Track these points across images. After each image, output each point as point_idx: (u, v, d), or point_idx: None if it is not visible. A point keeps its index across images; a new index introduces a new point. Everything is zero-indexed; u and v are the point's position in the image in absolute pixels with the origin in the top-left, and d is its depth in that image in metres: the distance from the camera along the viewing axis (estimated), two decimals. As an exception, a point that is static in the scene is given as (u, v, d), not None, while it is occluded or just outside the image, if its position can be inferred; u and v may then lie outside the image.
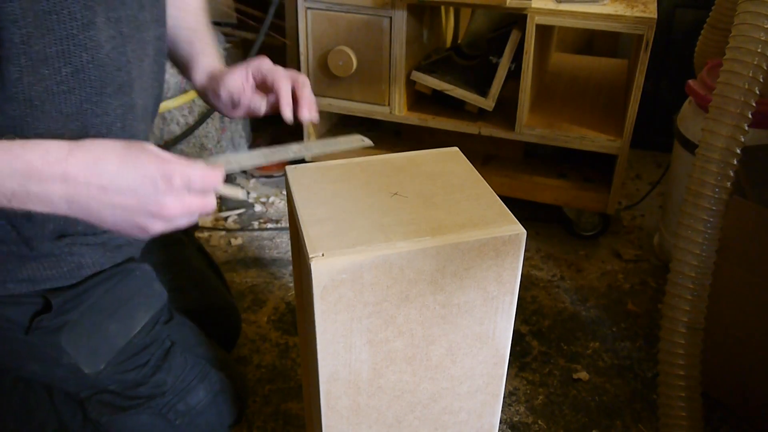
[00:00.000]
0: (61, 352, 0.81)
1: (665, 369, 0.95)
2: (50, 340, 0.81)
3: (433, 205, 0.64)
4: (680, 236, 0.91)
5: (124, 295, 0.86)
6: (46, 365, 0.85)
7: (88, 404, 0.89)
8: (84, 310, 0.82)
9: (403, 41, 1.42)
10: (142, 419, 0.89)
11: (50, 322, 0.81)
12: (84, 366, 0.83)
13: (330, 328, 0.59)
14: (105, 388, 0.88)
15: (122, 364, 0.87)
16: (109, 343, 0.84)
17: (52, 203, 0.58)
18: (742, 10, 0.84)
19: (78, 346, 0.82)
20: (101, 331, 0.84)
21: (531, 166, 1.57)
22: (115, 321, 0.85)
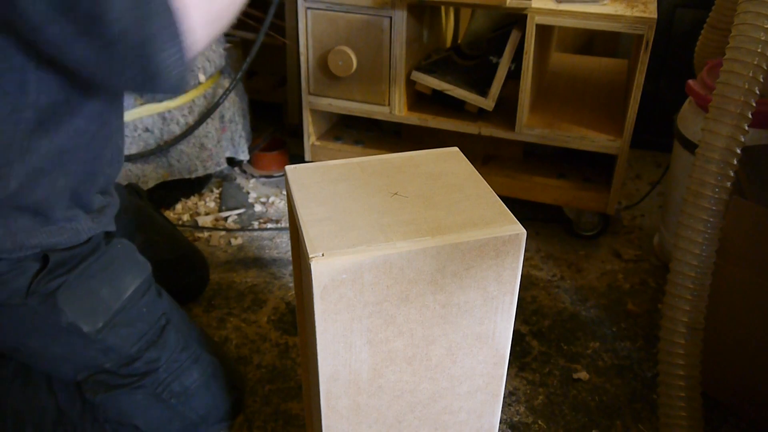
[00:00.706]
0: (59, 313, 0.85)
1: (665, 369, 0.95)
2: (48, 302, 0.85)
3: (433, 205, 0.64)
4: (680, 236, 0.91)
5: (111, 263, 0.91)
6: (45, 339, 0.88)
7: (85, 386, 0.92)
8: (77, 274, 0.87)
9: (403, 41, 1.42)
10: (136, 398, 0.92)
11: (47, 284, 0.84)
12: (83, 323, 0.86)
13: (330, 328, 0.59)
14: (101, 368, 0.91)
15: (120, 329, 0.90)
16: (104, 305, 0.89)
17: None
18: (742, 10, 0.84)
19: (75, 305, 0.86)
20: (95, 294, 0.88)
21: (531, 166, 1.57)
22: (106, 285, 0.89)
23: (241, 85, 1.74)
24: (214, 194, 1.70)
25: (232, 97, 1.66)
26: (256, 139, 1.80)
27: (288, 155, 1.81)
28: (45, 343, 0.88)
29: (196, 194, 1.68)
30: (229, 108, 1.66)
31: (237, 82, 1.59)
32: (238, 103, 1.71)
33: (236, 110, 1.69)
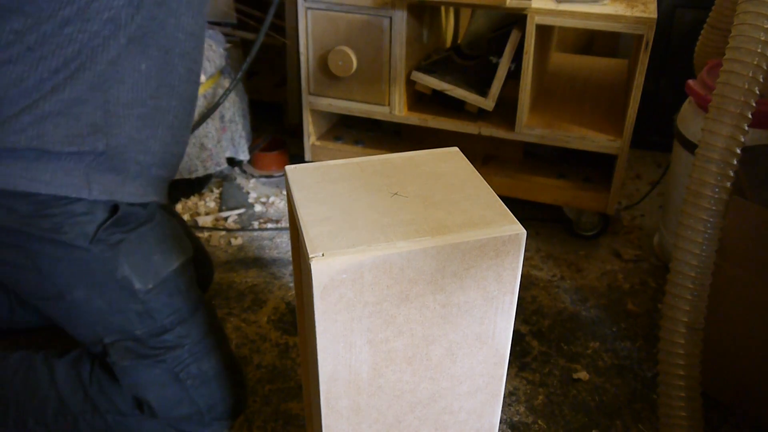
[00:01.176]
0: (118, 265, 0.91)
1: (665, 369, 0.95)
2: (109, 252, 0.90)
3: (433, 205, 0.64)
4: (680, 236, 0.91)
5: (164, 235, 0.98)
6: (94, 288, 0.91)
7: (111, 350, 0.94)
8: (137, 235, 0.94)
9: (403, 41, 1.42)
10: (156, 372, 0.94)
11: (112, 235, 0.91)
12: (136, 280, 0.92)
13: (330, 328, 0.59)
14: (132, 334, 0.93)
15: (162, 297, 0.94)
16: (155, 269, 0.94)
17: None
18: (742, 10, 0.84)
19: (132, 262, 0.92)
20: (149, 257, 0.94)
21: (531, 166, 1.57)
22: (158, 253, 0.95)
23: (241, 85, 1.74)
24: (214, 194, 1.70)
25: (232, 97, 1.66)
26: (256, 139, 1.81)
27: (288, 155, 1.81)
28: (91, 294, 0.91)
29: (196, 194, 1.68)
30: (229, 108, 1.66)
31: (237, 82, 1.59)
32: (238, 103, 1.71)
33: (236, 110, 1.69)
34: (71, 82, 0.84)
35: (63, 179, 0.86)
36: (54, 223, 0.87)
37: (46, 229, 0.87)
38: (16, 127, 0.83)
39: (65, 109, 0.85)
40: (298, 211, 0.63)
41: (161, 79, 0.94)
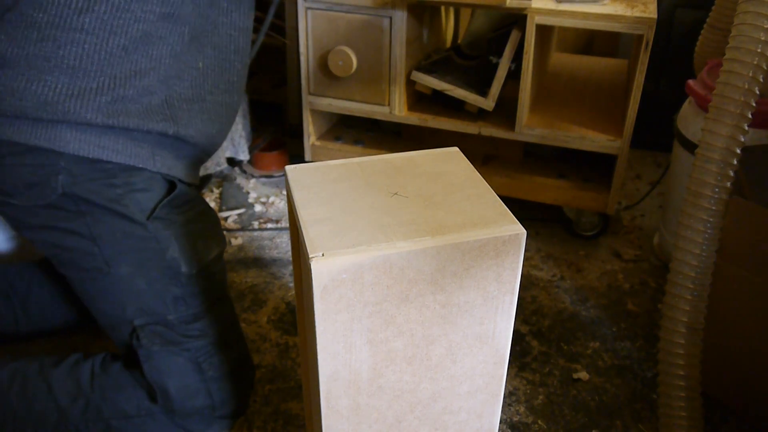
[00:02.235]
0: (170, 245, 0.94)
1: (665, 369, 0.95)
2: (164, 231, 0.93)
3: (433, 205, 0.64)
4: (680, 236, 0.91)
5: (207, 222, 1.01)
6: (141, 264, 0.93)
7: (141, 332, 0.94)
8: (188, 218, 0.97)
9: (403, 41, 1.42)
10: (179, 360, 0.95)
11: (168, 214, 0.94)
12: (183, 264, 0.94)
13: (330, 328, 0.59)
14: (164, 318, 0.95)
15: (201, 281, 0.96)
16: (199, 255, 0.97)
17: None
18: (742, 10, 0.84)
19: (181, 244, 0.95)
20: (193, 243, 0.96)
21: (531, 166, 1.57)
22: (201, 239, 0.98)
23: (241, 85, 1.74)
24: (214, 194, 1.70)
25: (232, 97, 1.66)
26: (256, 139, 1.80)
27: (288, 155, 1.81)
28: (136, 272, 0.93)
29: (196, 194, 1.68)
30: (229, 108, 1.66)
31: (237, 82, 1.59)
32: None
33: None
34: (143, 68, 0.90)
35: (132, 150, 0.91)
36: (117, 194, 0.90)
37: (109, 199, 0.90)
38: (93, 105, 0.88)
39: (138, 97, 0.90)
40: (298, 211, 0.63)
41: (219, 75, 1.00)
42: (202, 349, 0.96)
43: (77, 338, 1.20)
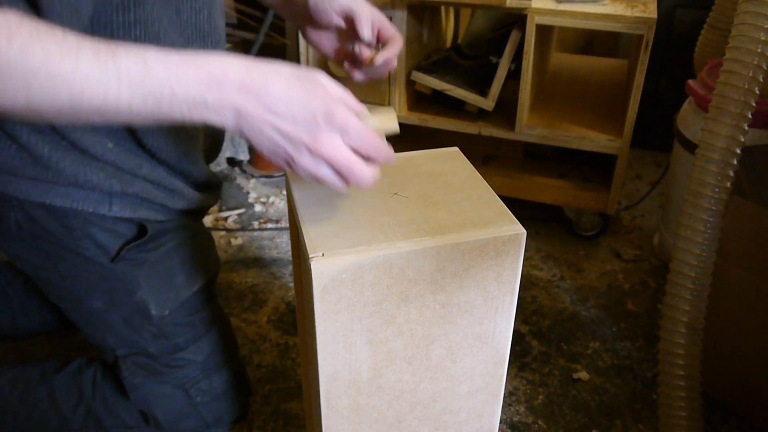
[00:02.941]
0: (136, 287, 0.86)
1: (665, 369, 0.95)
2: (131, 273, 0.85)
3: (433, 205, 0.64)
4: (680, 236, 0.91)
5: (193, 251, 0.92)
6: (112, 302, 0.88)
7: (123, 363, 0.92)
8: (164, 252, 0.88)
9: (403, 41, 1.41)
10: (165, 389, 0.92)
11: (136, 255, 0.85)
12: (153, 306, 0.87)
13: (330, 328, 0.59)
14: (144, 350, 0.91)
15: (177, 315, 0.90)
16: (175, 292, 0.89)
17: (224, 116, 0.59)
18: (742, 10, 0.84)
19: (152, 285, 0.87)
20: (171, 279, 0.89)
21: (531, 166, 1.57)
22: (183, 273, 0.90)
23: (241, 85, 1.74)
24: (214, 194, 1.70)
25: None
26: (256, 139, 1.80)
27: (288, 155, 1.81)
28: (108, 307, 0.88)
29: (196, 194, 1.68)
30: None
31: (237, 82, 1.59)
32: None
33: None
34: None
35: (82, 194, 0.82)
36: (75, 236, 0.84)
37: (67, 240, 0.84)
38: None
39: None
40: (298, 211, 0.63)
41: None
42: (188, 376, 0.93)
43: (76, 338, 1.20)
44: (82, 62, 0.54)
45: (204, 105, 0.58)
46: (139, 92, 0.56)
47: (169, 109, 0.58)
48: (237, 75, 0.58)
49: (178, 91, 0.57)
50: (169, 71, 0.57)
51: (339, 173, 0.59)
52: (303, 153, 0.59)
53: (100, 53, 0.55)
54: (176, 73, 0.57)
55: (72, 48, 0.54)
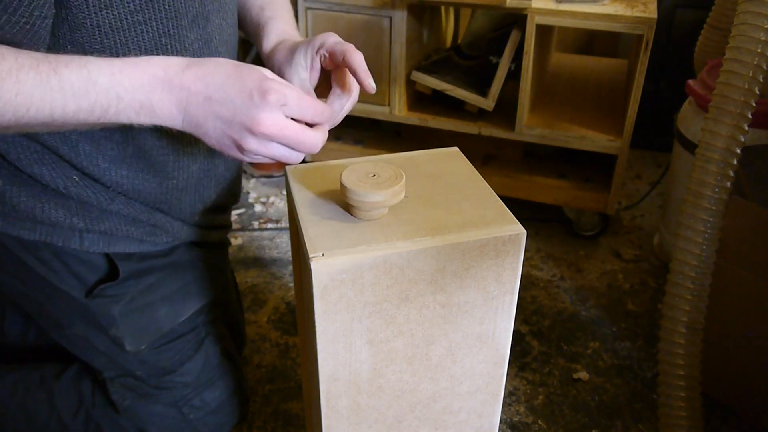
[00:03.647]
0: (111, 323, 0.84)
1: (665, 369, 0.95)
2: (106, 309, 0.83)
3: (433, 205, 0.64)
4: (680, 236, 0.91)
5: (183, 283, 0.88)
6: (91, 331, 0.86)
7: (111, 385, 0.90)
8: (143, 288, 0.85)
9: (403, 41, 1.42)
10: (157, 409, 0.90)
11: (112, 291, 0.83)
12: (127, 343, 0.85)
13: (330, 328, 0.59)
14: (131, 373, 0.89)
15: (158, 348, 0.88)
16: (156, 326, 0.87)
17: (171, 114, 0.60)
18: (742, 10, 0.84)
19: (128, 321, 0.84)
20: (151, 313, 0.86)
21: (531, 166, 1.57)
22: (167, 305, 0.87)
23: (241, 85, 1.74)
24: (214, 194, 1.70)
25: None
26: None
27: (288, 155, 1.81)
28: (88, 335, 0.87)
29: (196, 194, 1.68)
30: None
31: (237, 82, 1.59)
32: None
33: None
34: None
35: (48, 229, 0.78)
36: (48, 269, 0.81)
37: (42, 271, 0.81)
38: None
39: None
40: (298, 211, 0.63)
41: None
42: (179, 395, 0.91)
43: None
44: (23, 82, 0.54)
45: (150, 107, 0.58)
46: (85, 103, 0.56)
47: (116, 115, 0.58)
48: (177, 71, 0.59)
49: (124, 97, 0.57)
50: (113, 78, 0.57)
51: (289, 146, 0.60)
52: (246, 137, 0.59)
53: (41, 70, 0.55)
54: (120, 80, 0.57)
55: (12, 69, 0.54)
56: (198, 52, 0.75)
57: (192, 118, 0.60)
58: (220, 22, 0.78)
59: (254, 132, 0.59)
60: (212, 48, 0.78)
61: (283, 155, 0.61)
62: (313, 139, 0.61)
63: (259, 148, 0.60)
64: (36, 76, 0.55)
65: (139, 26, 0.67)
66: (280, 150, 0.61)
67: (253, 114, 0.58)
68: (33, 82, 0.54)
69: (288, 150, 0.61)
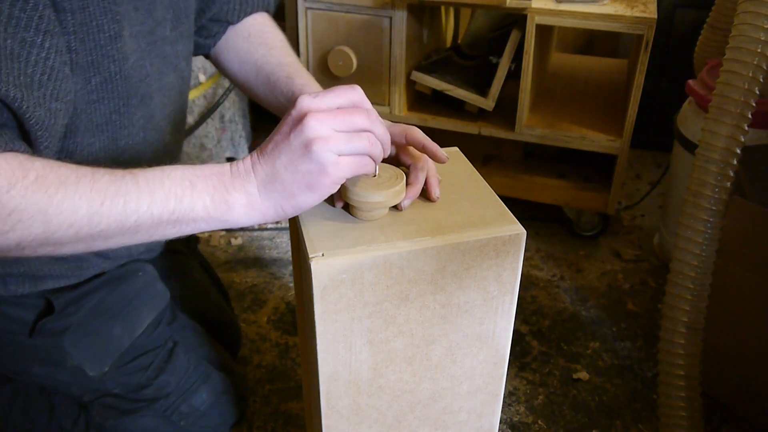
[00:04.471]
0: (65, 355, 0.82)
1: (665, 369, 0.95)
2: (54, 342, 0.81)
3: (433, 205, 0.64)
4: (680, 236, 0.91)
5: (127, 296, 0.86)
6: (50, 369, 0.85)
7: (92, 408, 0.89)
8: (87, 311, 0.83)
9: (403, 41, 1.42)
10: (145, 422, 0.89)
11: (53, 324, 0.81)
12: (88, 368, 0.83)
13: (330, 328, 0.59)
14: (108, 392, 0.88)
15: (125, 366, 0.87)
16: (114, 344, 0.85)
17: (245, 190, 0.57)
18: (742, 10, 0.84)
19: (82, 348, 0.83)
20: (105, 333, 0.84)
21: (531, 166, 1.56)
22: (120, 322, 0.85)
23: (241, 85, 1.74)
24: (214, 194, 1.70)
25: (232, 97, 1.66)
26: (256, 139, 1.80)
27: (288, 155, 1.81)
28: (50, 371, 0.85)
29: (196, 194, 1.68)
30: (229, 108, 1.66)
31: (237, 82, 1.59)
32: (238, 103, 1.71)
33: (236, 110, 1.69)
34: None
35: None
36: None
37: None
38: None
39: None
40: (298, 211, 0.63)
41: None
42: (163, 405, 0.90)
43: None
44: (98, 181, 0.54)
45: (222, 188, 0.56)
46: (159, 194, 0.55)
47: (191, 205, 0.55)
48: (238, 163, 0.58)
49: (197, 184, 0.56)
50: (185, 171, 0.56)
51: (345, 128, 0.55)
52: (304, 127, 0.55)
53: (115, 172, 0.55)
54: (192, 171, 0.56)
55: (87, 172, 0.54)
56: (143, 127, 0.76)
57: (262, 178, 0.57)
58: (162, 99, 0.79)
59: (304, 120, 0.55)
60: (155, 123, 0.78)
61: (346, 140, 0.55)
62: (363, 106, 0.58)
63: (321, 131, 0.54)
64: (111, 176, 0.54)
65: (93, 104, 0.69)
66: (340, 136, 0.55)
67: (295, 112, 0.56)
68: (108, 179, 0.54)
69: (350, 134, 0.56)
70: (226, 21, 0.87)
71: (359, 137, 0.56)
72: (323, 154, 0.54)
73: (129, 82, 0.71)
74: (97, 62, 0.67)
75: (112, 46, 0.67)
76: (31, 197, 0.51)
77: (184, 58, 0.82)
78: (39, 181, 0.51)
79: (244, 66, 0.86)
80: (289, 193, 0.56)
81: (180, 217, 0.56)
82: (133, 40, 0.70)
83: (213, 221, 0.57)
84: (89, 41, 0.65)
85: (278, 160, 0.56)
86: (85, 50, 0.65)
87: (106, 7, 0.65)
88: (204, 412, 0.93)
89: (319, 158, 0.54)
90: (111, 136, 0.73)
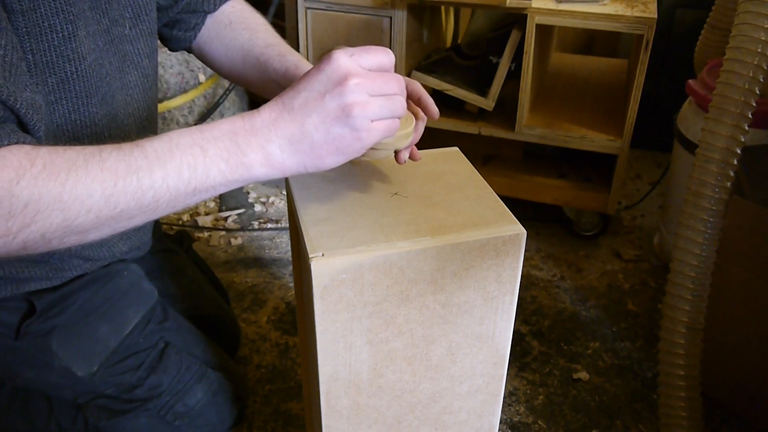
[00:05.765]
0: (53, 356, 0.82)
1: (665, 369, 0.95)
2: (41, 344, 0.81)
3: (433, 205, 0.64)
4: (680, 236, 0.91)
5: (113, 295, 0.86)
6: (39, 371, 0.85)
7: (86, 410, 0.89)
8: (73, 312, 0.83)
9: (403, 41, 1.42)
10: (140, 422, 0.89)
11: (39, 326, 0.81)
12: (77, 369, 0.83)
13: (330, 328, 0.59)
14: (101, 393, 0.88)
15: (116, 366, 0.87)
16: (102, 344, 0.85)
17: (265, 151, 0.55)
18: (742, 10, 0.84)
19: (69, 348, 0.83)
20: (92, 333, 0.84)
21: (531, 166, 1.56)
22: (106, 322, 0.85)
23: (241, 85, 1.74)
24: (214, 194, 1.69)
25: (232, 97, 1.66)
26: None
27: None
28: (40, 374, 0.85)
29: (196, 194, 1.68)
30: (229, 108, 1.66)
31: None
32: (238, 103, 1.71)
33: (236, 110, 1.69)
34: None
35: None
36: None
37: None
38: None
39: None
40: (298, 211, 0.63)
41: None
42: (158, 405, 0.89)
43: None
44: (106, 160, 0.52)
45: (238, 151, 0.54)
46: (171, 165, 0.53)
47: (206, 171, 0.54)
48: (253, 115, 0.55)
49: (208, 149, 0.54)
50: (192, 136, 0.54)
51: (380, 91, 0.54)
52: (342, 92, 0.53)
53: (122, 148, 0.53)
54: (201, 135, 0.55)
55: (94, 151, 0.53)
56: (106, 127, 0.76)
57: (287, 137, 0.55)
58: (124, 98, 0.79)
59: (344, 83, 0.53)
60: (118, 122, 0.78)
61: (383, 106, 0.55)
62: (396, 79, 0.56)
63: (360, 97, 0.53)
64: (118, 152, 0.53)
65: (51, 105, 0.69)
66: (377, 102, 0.55)
67: (332, 72, 0.54)
68: (116, 157, 0.53)
69: (385, 99, 0.55)
70: (203, 11, 0.86)
71: (393, 102, 0.56)
72: (360, 121, 0.54)
73: (87, 81, 0.70)
74: (52, 63, 0.66)
75: (66, 46, 0.67)
76: (43, 186, 0.50)
77: (146, 56, 0.81)
78: (48, 168, 0.51)
79: (230, 53, 0.85)
80: (316, 154, 0.55)
81: (198, 186, 0.54)
82: (89, 39, 0.70)
83: (232, 184, 0.56)
84: (42, 42, 0.65)
85: (309, 119, 0.54)
86: (39, 51, 0.65)
87: (58, 8, 0.64)
88: (200, 412, 0.93)
89: (355, 124, 0.54)
90: (72, 136, 0.72)
